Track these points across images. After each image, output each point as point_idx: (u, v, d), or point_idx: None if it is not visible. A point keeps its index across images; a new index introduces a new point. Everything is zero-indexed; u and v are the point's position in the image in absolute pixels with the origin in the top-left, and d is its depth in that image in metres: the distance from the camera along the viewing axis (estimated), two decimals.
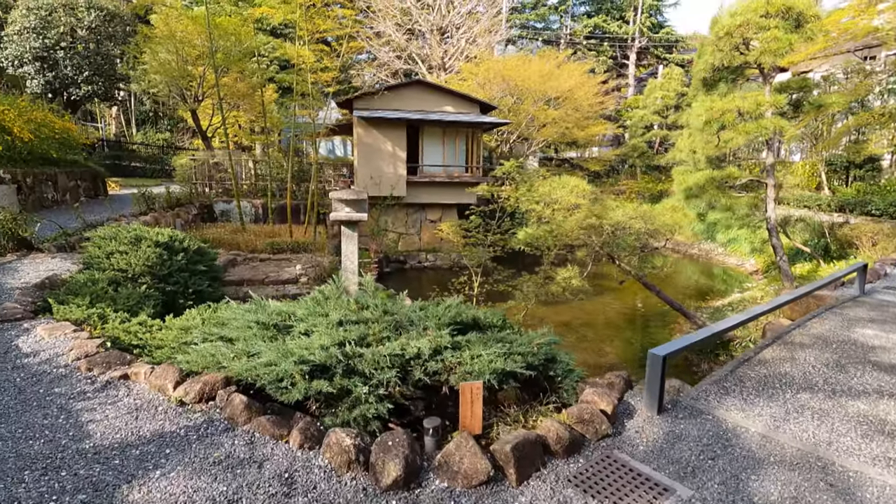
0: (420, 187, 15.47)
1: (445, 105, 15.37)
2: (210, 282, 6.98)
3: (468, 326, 3.51)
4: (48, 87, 18.65)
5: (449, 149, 15.64)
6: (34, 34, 18.17)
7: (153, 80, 15.53)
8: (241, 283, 9.70)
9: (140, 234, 6.43)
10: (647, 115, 22.13)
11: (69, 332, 3.75)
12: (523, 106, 17.58)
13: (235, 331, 3.36)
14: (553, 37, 37.99)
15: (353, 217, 9.24)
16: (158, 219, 11.26)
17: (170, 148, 25.30)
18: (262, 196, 14.91)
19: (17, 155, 10.11)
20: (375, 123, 14.47)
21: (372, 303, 3.54)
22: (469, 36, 20.86)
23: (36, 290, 5.13)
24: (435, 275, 15.21)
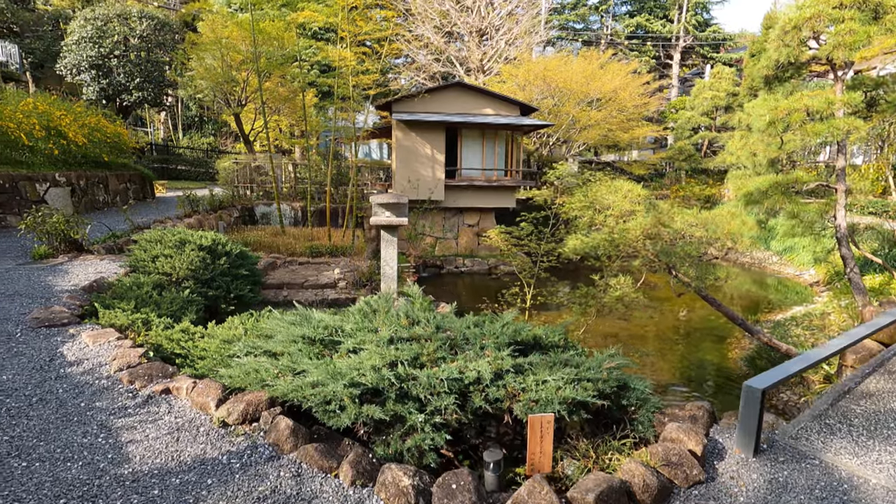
0: (458, 191, 15.22)
1: (485, 107, 15.08)
2: (251, 286, 6.92)
3: (529, 346, 3.20)
4: (102, 94, 19.46)
5: (488, 152, 15.32)
6: (90, 43, 19.00)
7: (199, 85, 15.92)
8: (281, 287, 9.68)
9: (184, 238, 6.42)
10: (695, 116, 21.16)
11: (113, 340, 3.65)
12: (564, 108, 17.08)
13: (280, 344, 3.16)
14: (593, 37, 37.13)
15: (393, 222, 9.05)
16: (202, 221, 11.42)
17: (213, 151, 26.04)
18: (302, 199, 15.01)
19: (72, 158, 10.45)
20: (414, 126, 14.32)
21: (423, 317, 3.27)
22: (509, 37, 20.51)
23: (83, 294, 5.13)
24: (472, 280, 14.91)
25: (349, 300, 9.33)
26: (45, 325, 4.02)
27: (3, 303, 4.62)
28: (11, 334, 3.83)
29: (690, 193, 21.24)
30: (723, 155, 19.10)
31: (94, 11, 19.76)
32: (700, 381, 7.05)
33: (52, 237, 6.80)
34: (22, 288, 5.14)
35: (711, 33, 37.65)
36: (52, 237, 6.79)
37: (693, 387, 6.69)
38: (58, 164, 9.99)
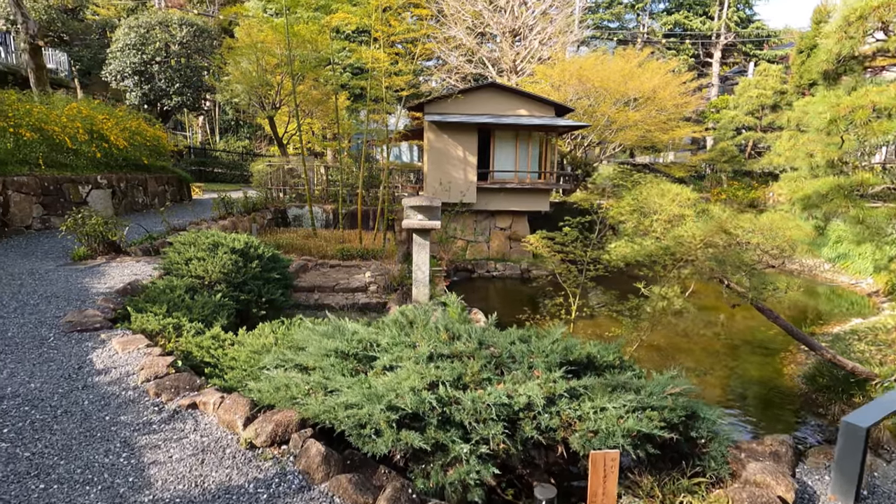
0: (490, 194, 14.91)
1: (519, 108, 14.73)
2: (283, 290, 6.82)
3: (582, 366, 2.89)
4: (144, 99, 20.07)
5: (521, 153, 14.96)
6: (134, 50, 19.63)
7: (235, 89, 16.17)
8: (312, 290, 9.61)
9: (217, 241, 6.36)
10: (739, 115, 20.20)
11: (142, 347, 3.54)
12: (601, 108, 16.54)
13: (311, 358, 2.96)
14: (628, 36, 36.18)
15: (425, 225, 8.84)
16: (236, 223, 11.51)
17: (248, 154, 26.55)
18: (333, 202, 15.00)
19: (113, 161, 10.69)
20: (446, 128, 14.11)
21: (464, 331, 3.01)
22: (542, 37, 20.09)
23: (118, 296, 5.09)
24: (504, 285, 14.57)
25: (380, 305, 9.16)
26: (77, 329, 3.95)
27: (41, 305, 4.61)
28: (45, 339, 3.77)
29: (733, 197, 20.29)
30: (769, 156, 18.13)
31: (138, 19, 20.43)
32: (754, 400, 6.53)
33: (92, 239, 6.87)
34: (59, 290, 5.15)
35: (754, 30, 36.11)
36: (91, 239, 6.86)
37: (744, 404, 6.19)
38: (100, 167, 10.23)
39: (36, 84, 10.39)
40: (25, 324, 4.08)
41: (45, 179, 8.51)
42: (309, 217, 13.77)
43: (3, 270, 5.77)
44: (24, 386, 2.96)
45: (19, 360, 3.35)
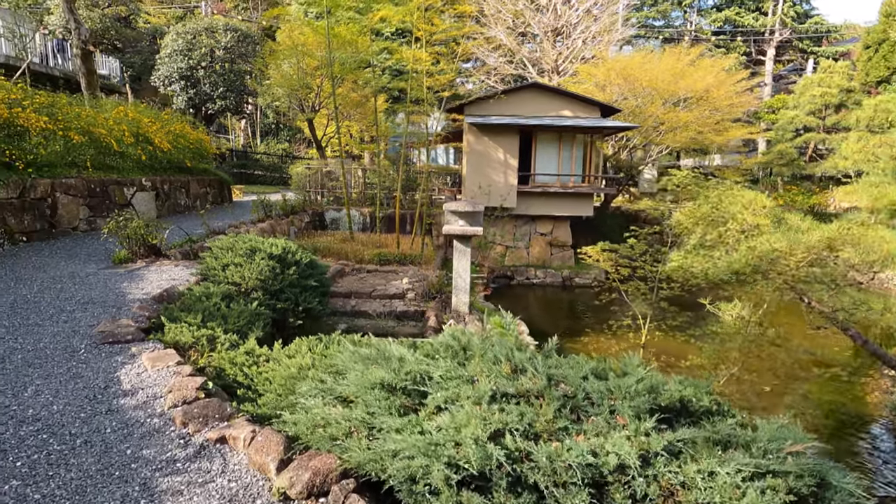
0: (531, 198, 14.39)
1: (562, 109, 14.16)
2: (320, 297, 6.56)
3: (675, 412, 2.40)
4: (190, 103, 20.60)
5: (565, 156, 14.37)
6: (181, 56, 20.17)
7: (276, 93, 16.29)
8: (349, 296, 9.36)
9: (255, 246, 6.16)
10: (800, 116, 18.87)
11: (172, 365, 3.28)
12: (649, 108, 15.73)
13: (353, 388, 2.59)
14: (674, 34, 34.76)
15: (466, 231, 8.43)
16: (274, 226, 11.44)
17: (288, 157, 26.92)
18: (370, 205, 14.82)
19: (157, 164, 10.80)
20: (487, 130, 13.69)
21: (527, 361, 2.57)
22: (586, 36, 19.39)
23: (153, 304, 4.92)
24: (545, 293, 14.00)
25: (418, 313, 8.82)
26: (108, 340, 3.75)
27: (77, 312, 4.47)
28: (75, 350, 3.58)
29: (791, 202, 18.95)
30: (833, 159, 16.78)
31: (185, 26, 21.00)
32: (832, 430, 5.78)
33: (132, 242, 6.82)
34: (97, 295, 5.03)
35: (812, 25, 34.03)
36: (132, 242, 6.81)
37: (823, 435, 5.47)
38: (144, 170, 10.34)
39: (87, 88, 10.62)
40: (59, 333, 3.91)
41: (91, 181, 8.60)
42: (346, 220, 13.63)
43: (45, 274, 5.73)
44: (46, 408, 2.72)
45: (46, 376, 3.14)
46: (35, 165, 7.46)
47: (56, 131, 8.08)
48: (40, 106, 7.98)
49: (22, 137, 7.42)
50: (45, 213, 7.60)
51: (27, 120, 7.37)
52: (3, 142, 6.97)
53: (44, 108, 8.03)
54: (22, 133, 7.43)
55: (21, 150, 7.25)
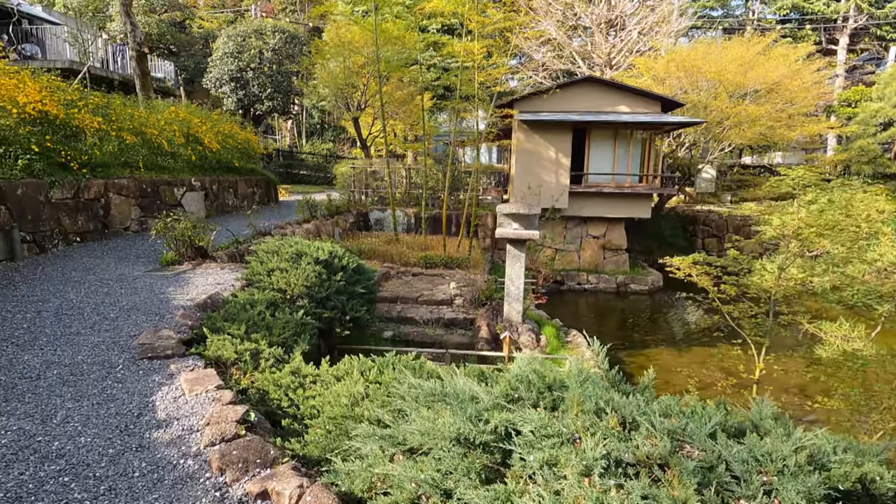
0: (583, 198, 13.61)
1: (619, 104, 13.30)
2: (367, 305, 6.19)
3: (854, 499, 1.79)
4: (239, 105, 20.97)
5: (621, 154, 13.50)
6: (231, 58, 20.55)
7: (322, 93, 16.24)
8: (395, 301, 9.00)
9: (301, 250, 5.85)
10: (885, 108, 17.07)
11: (212, 389, 2.93)
12: (714, 102, 14.58)
13: (419, 436, 2.12)
14: (735, 24, 32.65)
15: (521, 235, 7.86)
16: (319, 227, 11.26)
17: (332, 157, 27.09)
18: (415, 205, 14.47)
19: (207, 164, 10.82)
20: (538, 127, 13.04)
21: (642, 417, 2.02)
22: (642, 27, 18.30)
23: (197, 311, 4.66)
24: (597, 300, 13.20)
25: (467, 321, 8.33)
26: (147, 355, 3.47)
27: (119, 320, 4.25)
28: (113, 366, 3.30)
29: None
30: None
31: (236, 29, 21.39)
32: None
33: (180, 243, 6.68)
34: (141, 301, 4.82)
35: (893, 10, 31.09)
36: (179, 243, 6.67)
37: None
38: (194, 170, 10.36)
39: (141, 89, 10.77)
40: (99, 344, 3.67)
41: (143, 182, 8.62)
42: (390, 221, 13.32)
43: (94, 276, 5.62)
44: (72, 441, 2.41)
45: (79, 397, 2.85)
46: (89, 166, 7.47)
47: (110, 132, 8.11)
48: (95, 107, 8.02)
49: (77, 138, 7.45)
50: (98, 214, 7.62)
51: (82, 121, 7.39)
52: (59, 143, 6.98)
53: (99, 110, 8.07)
54: (77, 134, 7.46)
55: (76, 150, 7.27)
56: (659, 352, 8.89)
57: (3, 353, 3.40)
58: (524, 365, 2.72)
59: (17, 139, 6.36)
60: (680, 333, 10.18)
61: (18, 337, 3.71)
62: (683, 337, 9.83)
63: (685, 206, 21.86)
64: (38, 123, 6.66)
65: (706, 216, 18.78)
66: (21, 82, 6.51)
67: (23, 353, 3.44)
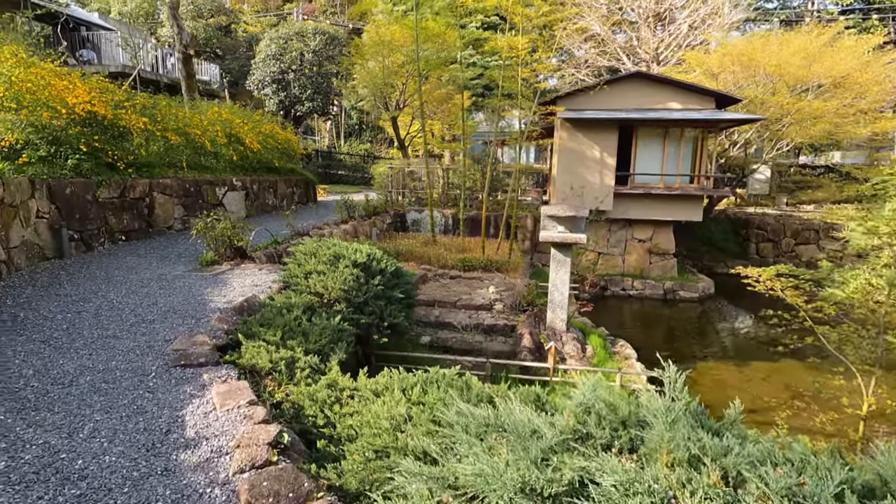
0: (629, 200, 12.98)
1: (670, 101, 12.60)
2: (406, 311, 5.95)
3: None
4: (280, 106, 21.30)
5: (670, 153, 12.80)
6: (273, 60, 20.89)
7: (361, 93, 16.23)
8: (432, 305, 8.74)
9: (338, 252, 5.66)
10: None
11: (244, 404, 2.72)
12: (773, 98, 13.62)
13: (472, 478, 1.81)
14: (792, 16, 30.76)
15: (567, 238, 7.44)
16: (357, 228, 11.15)
17: (369, 157, 27.21)
18: (452, 206, 14.20)
19: (248, 164, 10.89)
20: (582, 125, 12.52)
21: (750, 473, 1.64)
22: (693, 19, 17.38)
23: (233, 315, 4.53)
24: (642, 307, 12.54)
25: (508, 327, 7.97)
26: (181, 362, 3.32)
27: (156, 323, 4.15)
28: (145, 374, 3.17)
29: None
30: None
31: (278, 32, 21.75)
32: None
33: (219, 243, 6.64)
34: (179, 303, 4.74)
35: None
36: (218, 243, 6.63)
37: None
38: (235, 170, 10.44)
39: (186, 91, 10.96)
40: (133, 349, 3.56)
41: (186, 181, 8.70)
42: (427, 222, 13.11)
43: (136, 275, 5.62)
44: (97, 460, 2.24)
45: (108, 408, 2.71)
46: (135, 165, 7.57)
47: (155, 132, 8.21)
48: (142, 107, 8.14)
49: (124, 138, 7.56)
50: (142, 213, 7.72)
51: (129, 121, 7.49)
52: (107, 143, 7.08)
53: (145, 110, 8.19)
54: (124, 134, 7.57)
55: (123, 150, 7.38)
56: (714, 366, 8.26)
57: (41, 356, 3.33)
58: (589, 392, 2.38)
59: (67, 139, 6.47)
60: (735, 346, 9.47)
61: (57, 339, 3.65)
62: (740, 350, 9.14)
63: (736, 208, 20.67)
64: (86, 124, 6.76)
65: (761, 219, 17.67)
66: (71, 84, 6.62)
67: (59, 356, 3.36)
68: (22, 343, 3.52)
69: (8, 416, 2.56)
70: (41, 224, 5.92)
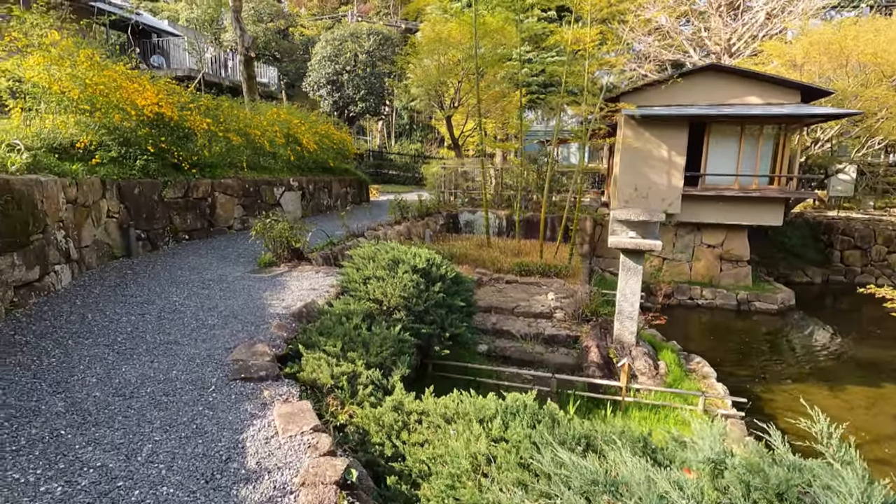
0: (699, 202, 12.06)
1: (748, 95, 11.58)
2: (467, 320, 5.62)
3: None
4: (335, 106, 21.59)
5: (747, 152, 11.78)
6: (328, 61, 21.21)
7: (414, 92, 16.08)
8: (489, 311, 8.37)
9: (397, 256, 5.41)
10: None
11: (307, 431, 2.48)
12: (868, 90, 12.25)
13: None
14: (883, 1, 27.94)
15: (640, 245, 6.84)
16: (410, 229, 10.96)
17: (419, 157, 27.17)
18: (506, 207, 13.77)
19: (304, 164, 10.94)
20: (648, 123, 11.75)
21: None
22: (772, 7, 16.01)
23: (292, 321, 4.36)
24: (712, 318, 11.59)
25: (570, 338, 7.47)
26: (241, 375, 3.14)
27: (217, 328, 4.04)
28: (205, 387, 3.01)
29: None
30: None
31: (333, 33, 22.06)
32: None
33: (277, 244, 6.58)
34: (239, 306, 4.63)
35: None
36: (276, 244, 6.57)
37: None
38: (292, 170, 10.50)
39: (247, 92, 11.15)
40: (194, 357, 3.43)
41: (246, 181, 8.78)
42: (480, 223, 12.76)
43: (197, 276, 5.61)
44: (154, 490, 2.05)
45: (168, 426, 2.54)
46: (199, 166, 7.67)
47: (218, 133, 8.31)
48: (206, 109, 8.26)
49: (188, 139, 7.67)
50: (205, 213, 7.82)
51: (193, 122, 7.59)
52: (172, 144, 7.20)
53: (209, 112, 8.31)
54: (189, 135, 7.68)
55: (187, 151, 7.48)
56: (804, 389, 7.39)
57: (104, 363, 3.24)
58: (716, 444, 1.94)
59: (136, 140, 6.59)
60: (827, 367, 8.50)
61: (121, 344, 3.58)
62: (833, 372, 8.18)
63: (815, 211, 18.95)
64: (154, 125, 6.88)
65: (846, 224, 16.04)
66: (141, 86, 6.76)
67: (122, 363, 3.27)
68: (88, 347, 3.47)
69: (69, 432, 2.44)
70: (111, 223, 6.04)
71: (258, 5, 23.66)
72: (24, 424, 2.45)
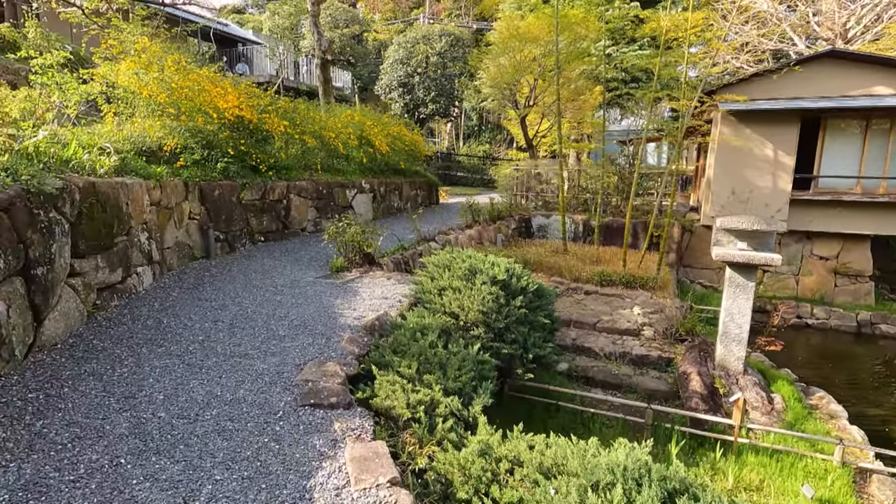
0: (810, 208, 10.57)
1: (875, 84, 9.98)
2: (551, 337, 5.07)
3: None
4: (405, 109, 21.65)
5: (873, 151, 10.16)
6: (400, 64, 21.29)
7: (485, 92, 15.64)
8: (568, 324, 7.69)
9: (474, 266, 4.96)
10: None
11: (384, 484, 2.09)
12: None
13: None
14: None
15: (752, 259, 5.89)
16: (482, 233, 10.51)
17: (487, 158, 26.68)
18: (583, 211, 12.95)
19: (376, 166, 10.84)
20: (750, 119, 10.48)
21: None
22: None
23: (364, 335, 4.05)
24: (824, 341, 10.08)
25: (663, 360, 6.64)
26: (310, 401, 2.84)
27: (286, 340, 3.82)
28: (273, 412, 2.73)
29: None
30: None
31: (405, 36, 22.14)
32: None
33: (349, 249, 6.39)
34: (309, 316, 4.41)
35: None
36: (348, 248, 6.39)
37: None
38: (364, 172, 10.41)
39: (323, 95, 11.24)
40: (263, 374, 3.19)
41: (319, 184, 8.76)
42: (554, 228, 12.05)
43: (270, 280, 5.50)
44: None
45: (230, 461, 2.25)
46: (275, 168, 7.70)
47: (294, 135, 8.33)
48: (283, 111, 8.31)
49: (266, 141, 7.73)
50: (280, 215, 7.83)
51: (271, 125, 7.63)
52: (251, 146, 7.25)
53: (286, 114, 8.35)
54: (266, 138, 7.73)
55: (265, 153, 7.52)
56: None
57: (173, 377, 3.07)
58: None
59: (218, 143, 6.68)
60: None
61: (192, 354, 3.43)
62: None
63: None
64: (234, 128, 6.95)
65: None
66: (223, 90, 6.84)
67: (191, 377, 3.08)
68: (159, 357, 3.33)
69: (129, 461, 2.22)
70: (192, 225, 6.11)
71: (335, 12, 24.30)
72: (86, 448, 2.27)
